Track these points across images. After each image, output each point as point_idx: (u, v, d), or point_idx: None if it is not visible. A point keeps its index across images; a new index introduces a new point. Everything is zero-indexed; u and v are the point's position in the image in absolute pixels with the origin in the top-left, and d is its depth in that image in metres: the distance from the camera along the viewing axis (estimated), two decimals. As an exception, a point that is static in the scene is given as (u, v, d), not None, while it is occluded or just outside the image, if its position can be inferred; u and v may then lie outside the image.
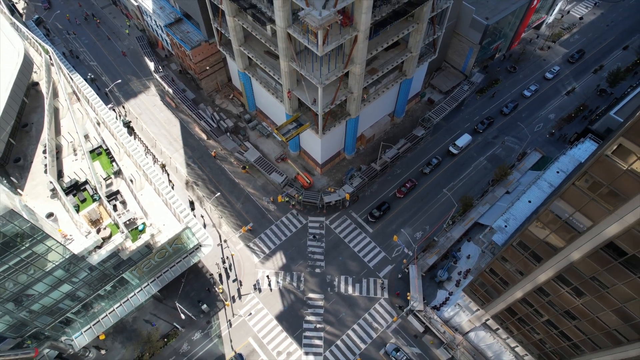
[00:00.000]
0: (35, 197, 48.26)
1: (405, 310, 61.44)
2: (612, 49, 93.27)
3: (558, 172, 62.41)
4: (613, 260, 30.68)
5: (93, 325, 55.08)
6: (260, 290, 64.26)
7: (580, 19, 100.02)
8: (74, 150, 55.13)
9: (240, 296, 63.94)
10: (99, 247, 46.78)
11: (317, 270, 66.16)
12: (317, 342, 60.29)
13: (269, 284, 64.72)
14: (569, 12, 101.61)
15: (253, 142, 79.74)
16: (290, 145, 76.65)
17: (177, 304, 57.39)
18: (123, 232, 48.22)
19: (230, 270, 66.01)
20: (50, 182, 48.07)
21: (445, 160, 77.89)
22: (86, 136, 58.32)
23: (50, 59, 63.15)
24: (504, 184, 71.01)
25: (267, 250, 67.93)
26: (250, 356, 59.19)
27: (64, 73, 64.81)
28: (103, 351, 59.07)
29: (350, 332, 61.03)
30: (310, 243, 68.57)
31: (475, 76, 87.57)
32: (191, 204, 71.80)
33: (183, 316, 57.43)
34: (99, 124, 61.44)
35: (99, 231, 48.27)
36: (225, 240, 68.26)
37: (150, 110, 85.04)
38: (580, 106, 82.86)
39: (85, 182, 51.96)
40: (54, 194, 48.28)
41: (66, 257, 43.55)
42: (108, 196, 53.15)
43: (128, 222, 51.24)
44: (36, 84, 59.32)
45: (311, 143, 72.09)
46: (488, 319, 55.49)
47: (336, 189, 72.39)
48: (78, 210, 49.17)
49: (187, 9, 78.09)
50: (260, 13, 57.38)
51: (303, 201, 70.68)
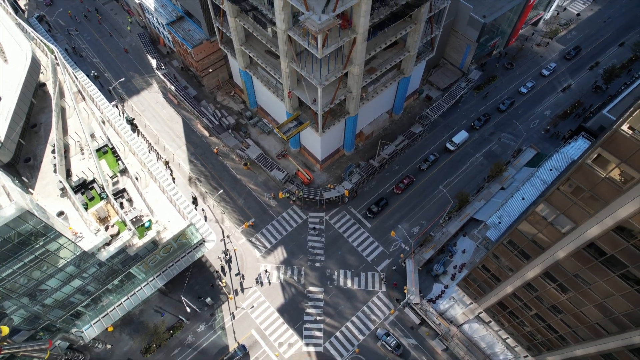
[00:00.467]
0: (46, 196, 50.07)
1: (402, 303, 63.68)
2: (609, 45, 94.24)
3: (551, 170, 64.03)
4: (594, 259, 32.58)
5: (102, 317, 57.42)
6: (262, 284, 66.48)
7: (578, 15, 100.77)
8: (81, 149, 56.71)
9: (243, 289, 66.18)
10: (108, 244, 48.64)
11: (317, 264, 68.30)
12: (317, 334, 62.66)
13: (268, 278, 66.88)
14: (565, 9, 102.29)
15: (254, 139, 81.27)
16: (290, 143, 78.19)
17: (183, 298, 59.61)
18: (130, 229, 50.13)
19: (231, 262, 68.08)
20: (60, 182, 49.79)
21: (442, 156, 79.50)
22: (92, 135, 59.79)
23: (56, 59, 64.41)
24: (499, 180, 72.61)
25: (269, 245, 69.99)
26: (252, 347, 61.62)
27: (69, 72, 66.03)
28: (109, 346, 61.62)
29: (349, 324, 63.34)
30: (311, 238, 70.60)
31: (473, 73, 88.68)
32: (194, 199, 73.70)
33: (188, 309, 59.69)
34: (104, 122, 62.96)
35: (107, 228, 50.15)
36: (228, 236, 70.21)
37: (153, 107, 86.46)
38: (576, 103, 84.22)
39: (93, 181, 53.56)
40: (63, 192, 50.01)
41: (77, 254, 45.59)
42: (115, 194, 54.76)
43: (135, 220, 52.96)
44: (43, 84, 60.73)
45: (311, 140, 73.69)
46: (481, 312, 57.64)
47: (335, 185, 74.18)
48: (87, 209, 50.85)
49: (189, 7, 79.13)
50: (261, 15, 58.42)
51: (303, 197, 72.54)
